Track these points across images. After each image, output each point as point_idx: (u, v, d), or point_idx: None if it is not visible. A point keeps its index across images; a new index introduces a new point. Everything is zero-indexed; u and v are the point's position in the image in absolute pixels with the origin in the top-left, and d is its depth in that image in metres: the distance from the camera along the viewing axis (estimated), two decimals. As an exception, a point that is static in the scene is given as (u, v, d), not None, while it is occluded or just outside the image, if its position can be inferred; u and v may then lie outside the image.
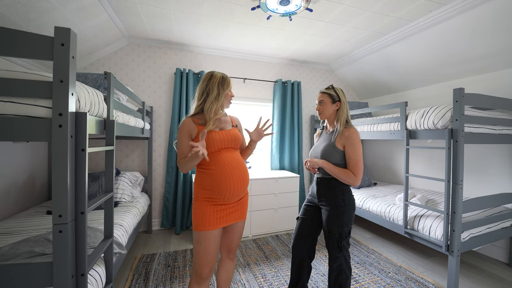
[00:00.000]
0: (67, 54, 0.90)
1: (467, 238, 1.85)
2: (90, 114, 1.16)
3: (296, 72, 3.67)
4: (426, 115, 1.96)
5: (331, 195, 1.44)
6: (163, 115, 3.05)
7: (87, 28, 2.28)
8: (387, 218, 2.36)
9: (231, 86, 1.36)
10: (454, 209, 1.77)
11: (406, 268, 2.14)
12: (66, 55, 0.90)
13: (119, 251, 1.56)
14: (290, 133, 3.50)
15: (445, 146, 1.83)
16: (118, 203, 2.32)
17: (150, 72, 2.98)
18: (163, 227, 3.00)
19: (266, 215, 2.89)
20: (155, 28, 2.63)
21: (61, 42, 0.89)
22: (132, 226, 2.02)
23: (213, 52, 3.20)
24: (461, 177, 1.76)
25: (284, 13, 2.12)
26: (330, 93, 1.50)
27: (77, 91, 1.02)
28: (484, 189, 2.40)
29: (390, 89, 3.47)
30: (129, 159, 2.93)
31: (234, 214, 1.36)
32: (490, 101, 1.95)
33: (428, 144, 2.70)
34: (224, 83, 1.34)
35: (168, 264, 2.21)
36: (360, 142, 1.42)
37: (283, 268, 2.14)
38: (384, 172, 3.65)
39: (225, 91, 1.33)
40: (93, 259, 1.12)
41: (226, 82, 1.34)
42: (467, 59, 2.37)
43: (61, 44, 0.89)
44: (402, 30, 2.47)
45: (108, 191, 1.34)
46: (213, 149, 1.29)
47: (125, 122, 1.75)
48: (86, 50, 2.60)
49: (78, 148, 0.98)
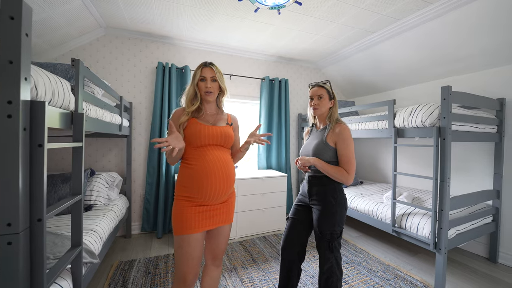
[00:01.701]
0: (18, 30, 0.75)
1: (453, 235, 1.86)
2: (52, 105, 1.01)
3: (283, 69, 3.61)
4: (414, 113, 1.95)
5: (323, 194, 1.37)
6: (144, 112, 2.86)
7: (57, 15, 2.07)
8: (375, 217, 2.35)
9: (199, 76, 1.23)
10: (442, 206, 1.77)
11: (394, 266, 2.13)
12: (16, 31, 0.75)
13: (91, 260, 1.39)
14: (278, 131, 3.43)
15: (432, 144, 1.83)
16: (93, 206, 2.13)
17: (130, 66, 2.79)
18: (144, 231, 2.81)
19: (253, 216, 2.80)
20: (134, 18, 2.45)
21: (10, 15, 0.74)
22: (108, 232, 1.84)
23: (198, 46, 3.05)
24: (449, 174, 1.76)
25: (273, 6, 2.03)
26: (328, 89, 1.45)
27: (34, 77, 0.87)
28: (467, 186, 2.46)
29: (376, 89, 3.50)
30: (105, 158, 2.72)
31: (219, 217, 1.25)
32: (475, 100, 1.99)
33: (416, 142, 2.73)
34: (195, 74, 1.25)
35: (148, 271, 2.05)
36: (352, 138, 1.36)
37: (271, 271, 2.06)
38: (370, 171, 3.68)
39: (195, 82, 1.24)
40: (55, 273, 0.97)
41: (197, 72, 1.25)
42: (453, 58, 2.41)
43: (10, 18, 0.74)
44: (390, 29, 2.47)
45: (76, 193, 1.18)
46: (199, 143, 1.20)
47: (98, 117, 1.59)
48: (56, 40, 2.37)
49: (33, 143, 0.83)
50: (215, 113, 1.34)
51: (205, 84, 1.24)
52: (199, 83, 1.24)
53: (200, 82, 1.24)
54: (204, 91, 1.24)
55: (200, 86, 1.24)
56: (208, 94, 1.25)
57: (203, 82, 1.24)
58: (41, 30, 2.12)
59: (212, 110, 1.33)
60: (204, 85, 1.24)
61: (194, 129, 1.20)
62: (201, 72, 1.23)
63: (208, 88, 1.23)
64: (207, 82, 1.24)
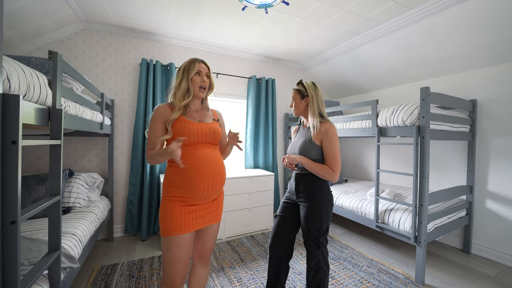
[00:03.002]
0: (-12, 17, 0.69)
1: (432, 229, 1.96)
2: (27, 99, 0.95)
3: (270, 69, 3.62)
4: (396, 113, 2.03)
5: (309, 191, 1.39)
6: (127, 110, 2.76)
7: (30, 5, 1.94)
8: (359, 213, 2.42)
9: (196, 70, 1.21)
10: (422, 201, 1.86)
11: (377, 260, 2.20)
12: (-14, 18, 0.69)
13: (70, 265, 1.32)
14: (265, 131, 3.44)
15: (413, 142, 1.91)
16: (72, 208, 2.02)
17: (111, 62, 2.68)
18: (127, 234, 2.71)
19: (241, 215, 2.79)
20: (117, 12, 2.35)
21: (-21, 0, 0.69)
22: (88, 235, 1.76)
23: (184, 43, 2.99)
24: (428, 171, 1.86)
25: (260, 5, 2.03)
26: (299, 89, 1.48)
27: (6, 68, 0.81)
28: (442, 182, 2.60)
29: (360, 89, 3.61)
30: (85, 158, 2.59)
31: (208, 216, 1.23)
32: (451, 101, 2.10)
33: (397, 140, 2.85)
34: (189, 68, 1.21)
35: (133, 274, 1.98)
36: (337, 137, 1.39)
37: (259, 269, 2.06)
38: (354, 169, 3.79)
39: (190, 76, 1.20)
40: (31, 280, 0.90)
41: (192, 66, 1.21)
42: (431, 61, 2.54)
43: (-21, 4, 0.69)
44: (373, 31, 2.56)
45: (54, 194, 1.11)
46: (188, 141, 1.17)
47: (78, 114, 1.51)
48: (30, 32, 2.22)
49: (6, 140, 0.77)
50: (200, 109, 1.31)
51: (200, 79, 1.22)
52: (194, 78, 1.21)
53: (195, 76, 1.22)
54: (199, 85, 1.22)
55: (195, 80, 1.22)
56: (203, 90, 1.24)
57: (199, 77, 1.22)
58: (13, 21, 1.98)
59: (196, 106, 1.30)
60: (200, 80, 1.22)
61: (182, 126, 1.16)
62: (198, 67, 1.22)
63: (203, 83, 1.23)
64: (203, 77, 1.23)
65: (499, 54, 2.14)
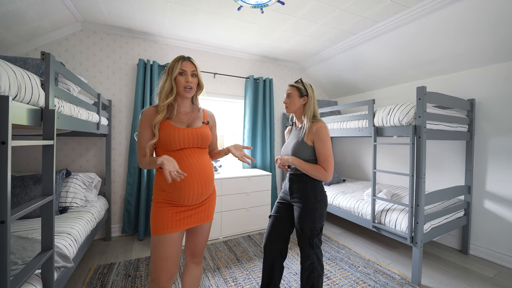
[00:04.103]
0: (-25, 19, 0.70)
1: (429, 229, 1.95)
2: (19, 100, 0.95)
3: (268, 69, 3.62)
4: (392, 112, 2.02)
5: (303, 191, 1.39)
6: (124, 110, 2.77)
7: (28, 6, 1.95)
8: (356, 213, 2.42)
9: (179, 69, 1.14)
10: (418, 201, 1.85)
11: (374, 261, 2.20)
12: (-26, 20, 0.70)
13: (64, 265, 1.33)
14: (262, 131, 3.44)
15: (409, 142, 1.90)
16: (68, 208, 2.03)
17: (109, 62, 2.69)
18: (124, 233, 2.72)
19: (238, 215, 2.79)
20: (114, 13, 2.36)
21: (-34, 2, 0.69)
22: (84, 234, 1.77)
23: (181, 43, 3.00)
24: (424, 171, 1.85)
25: (256, 4, 2.03)
26: (298, 87, 1.47)
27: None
28: (440, 182, 2.59)
29: (358, 89, 3.60)
30: (83, 158, 2.60)
31: (198, 216, 1.23)
32: (448, 100, 2.09)
33: (394, 140, 2.84)
34: (173, 67, 1.15)
35: (129, 274, 1.99)
36: (329, 136, 1.39)
37: (255, 269, 2.06)
38: (352, 169, 3.78)
39: (173, 75, 1.15)
40: (22, 278, 0.91)
41: (175, 65, 1.15)
42: (428, 60, 2.53)
43: (-34, 5, 0.69)
44: (370, 31, 2.55)
45: (47, 194, 1.12)
46: (174, 147, 1.15)
47: (73, 115, 1.51)
48: (28, 33, 2.24)
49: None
50: (189, 111, 1.26)
51: (185, 79, 1.15)
52: (177, 77, 1.15)
53: (179, 77, 1.15)
54: (184, 85, 1.16)
55: (179, 80, 1.15)
56: (188, 90, 1.18)
57: (183, 77, 1.15)
58: (10, 22, 1.99)
59: (186, 108, 1.25)
60: (184, 80, 1.15)
61: (168, 133, 1.13)
62: (181, 65, 1.15)
63: (188, 83, 1.16)
64: (188, 76, 1.16)
65: (497, 53, 2.12)
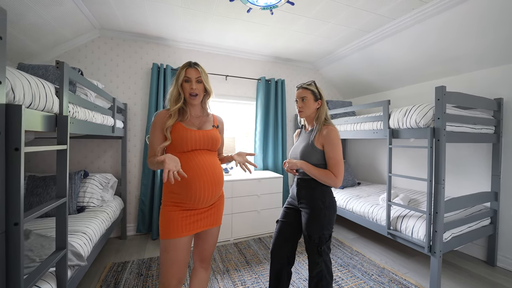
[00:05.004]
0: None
1: (449, 238, 1.83)
2: (33, 108, 1.01)
3: (280, 70, 3.58)
4: (409, 114, 1.92)
5: (311, 197, 1.35)
6: (139, 113, 2.86)
7: (52, 18, 2.07)
8: (370, 219, 2.32)
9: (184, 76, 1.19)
10: (436, 209, 1.74)
11: (389, 269, 2.09)
12: (-11, 34, 0.74)
13: (78, 263, 1.39)
14: (274, 132, 3.41)
15: (427, 145, 1.79)
16: (85, 208, 2.13)
17: (125, 67, 2.79)
18: (139, 232, 2.81)
19: (248, 217, 2.78)
20: (128, 19, 2.44)
21: (-18, 18, 0.74)
22: (99, 234, 1.84)
23: (193, 47, 3.05)
24: (443, 176, 1.73)
25: (265, 6, 2.01)
26: (312, 90, 1.43)
27: (11, 80, 0.86)
28: (464, 188, 2.41)
29: (373, 89, 3.46)
30: (101, 160, 2.72)
31: (207, 220, 1.24)
32: (471, 100, 1.95)
33: (411, 143, 2.70)
34: (179, 74, 1.20)
35: (141, 273, 2.05)
36: (340, 140, 1.34)
37: (264, 273, 2.04)
38: (368, 172, 3.64)
39: (179, 82, 1.19)
40: (36, 276, 0.96)
41: (181, 73, 1.20)
42: (449, 58, 2.37)
43: (-18, 21, 0.74)
44: (385, 28, 2.44)
45: (60, 196, 1.17)
46: (185, 148, 1.18)
47: (88, 119, 1.58)
48: (51, 42, 2.38)
49: (9, 147, 0.82)
50: (200, 115, 1.30)
51: (189, 86, 1.19)
52: (183, 84, 1.20)
53: (185, 83, 1.20)
54: (189, 92, 1.20)
55: (184, 87, 1.20)
56: (193, 97, 1.21)
57: (188, 84, 1.19)
58: (35, 32, 2.13)
59: (197, 112, 1.29)
60: (189, 86, 1.19)
61: (180, 134, 1.17)
62: (185, 73, 1.19)
63: (193, 90, 1.19)
64: (192, 83, 1.19)
65: (529, 48, 1.94)
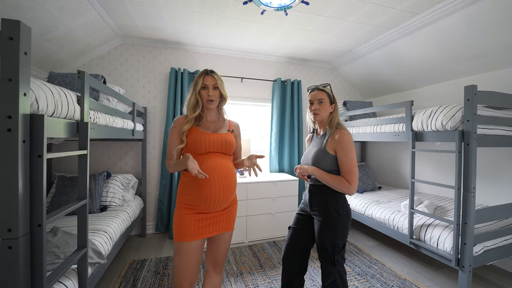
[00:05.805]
0: (16, 49, 0.80)
1: (481, 252, 1.67)
2: (56, 116, 1.08)
3: (295, 70, 3.52)
4: (434, 115, 1.79)
5: (324, 204, 1.30)
6: (158, 116, 2.97)
7: (77, 27, 2.22)
8: (391, 226, 2.19)
9: (201, 84, 1.24)
10: (466, 219, 1.60)
11: (411, 281, 1.96)
12: (15, 50, 0.80)
13: (98, 261, 1.47)
14: (290, 134, 3.36)
15: (455, 149, 1.65)
16: (107, 207, 2.25)
17: (145, 72, 2.91)
18: (158, 231, 2.92)
19: (263, 220, 2.76)
20: (148, 26, 2.55)
21: (9, 36, 0.80)
22: (119, 232, 1.93)
23: (209, 50, 3.10)
24: (473, 184, 1.58)
25: (279, 7, 1.98)
26: (328, 93, 1.39)
27: (35, 91, 0.93)
28: (498, 197, 2.19)
29: (395, 88, 3.27)
30: (123, 161, 2.86)
31: (219, 224, 1.25)
32: (506, 99, 1.76)
33: (436, 147, 2.51)
34: (196, 82, 1.26)
35: (158, 271, 2.12)
36: (353, 144, 1.28)
37: (277, 278, 2.01)
38: (390, 175, 3.45)
39: (197, 90, 1.25)
40: (59, 273, 1.02)
41: (198, 80, 1.25)
42: (478, 54, 2.17)
43: (9, 38, 0.80)
44: (407, 24, 2.29)
45: (81, 198, 1.25)
46: (199, 151, 1.21)
47: (108, 124, 1.67)
48: (78, 50, 2.54)
49: (33, 154, 0.89)
50: (216, 119, 1.35)
51: (207, 93, 1.25)
52: (201, 92, 1.26)
53: (202, 91, 1.26)
54: (206, 99, 1.26)
55: (202, 94, 1.26)
56: (210, 102, 1.27)
57: (205, 91, 1.26)
58: (63, 41, 2.29)
59: (213, 117, 1.35)
60: (206, 94, 1.25)
61: (195, 137, 1.22)
62: (203, 81, 1.25)
63: (210, 97, 1.25)
64: (209, 90, 1.25)
65: None
